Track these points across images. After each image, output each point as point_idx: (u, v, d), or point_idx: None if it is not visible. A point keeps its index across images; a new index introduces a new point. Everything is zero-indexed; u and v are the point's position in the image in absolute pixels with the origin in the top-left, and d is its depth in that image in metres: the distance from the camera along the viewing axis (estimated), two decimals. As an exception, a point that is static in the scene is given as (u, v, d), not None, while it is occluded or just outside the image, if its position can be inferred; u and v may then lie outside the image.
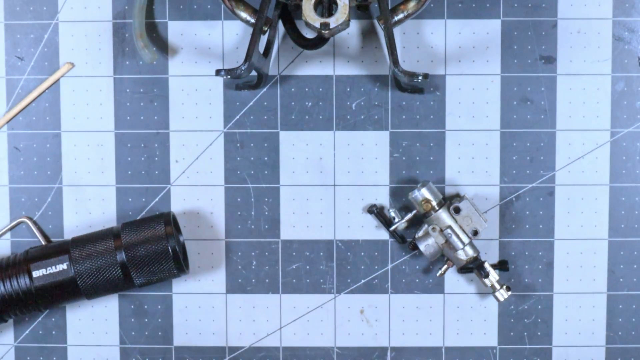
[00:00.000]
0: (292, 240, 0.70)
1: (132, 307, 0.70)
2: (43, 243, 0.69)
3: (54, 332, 0.70)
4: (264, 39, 0.65)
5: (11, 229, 0.70)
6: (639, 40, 0.69)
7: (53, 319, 0.70)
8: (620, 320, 0.70)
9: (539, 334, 0.70)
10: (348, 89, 0.69)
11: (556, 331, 0.70)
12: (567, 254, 0.70)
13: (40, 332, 0.70)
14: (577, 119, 0.69)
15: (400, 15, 0.64)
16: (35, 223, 0.70)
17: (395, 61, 0.62)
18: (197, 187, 0.70)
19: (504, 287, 0.68)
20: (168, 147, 0.70)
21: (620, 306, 0.70)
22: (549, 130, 0.69)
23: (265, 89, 0.69)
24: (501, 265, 0.69)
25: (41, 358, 0.70)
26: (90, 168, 0.70)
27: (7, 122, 0.70)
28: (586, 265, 0.70)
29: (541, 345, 0.70)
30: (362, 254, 0.70)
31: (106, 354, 0.70)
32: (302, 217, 0.70)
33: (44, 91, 0.70)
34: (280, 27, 0.68)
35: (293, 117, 0.70)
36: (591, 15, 0.69)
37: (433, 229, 0.66)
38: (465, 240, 0.66)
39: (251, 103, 0.70)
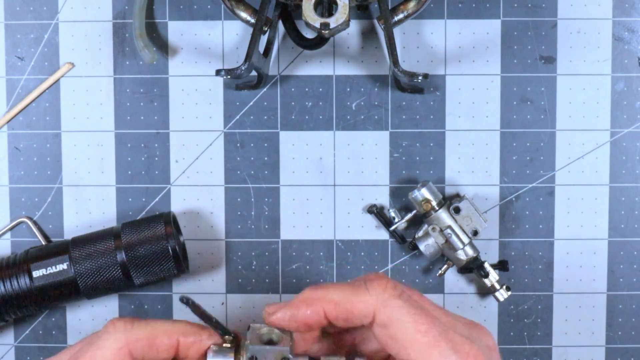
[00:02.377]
0: (292, 240, 0.70)
1: (132, 307, 0.70)
2: (43, 243, 0.69)
3: (54, 332, 0.70)
4: (264, 39, 0.65)
5: (11, 228, 0.70)
6: (639, 40, 0.69)
7: (53, 319, 0.70)
8: (620, 320, 0.70)
9: (539, 334, 0.70)
10: (348, 89, 0.69)
11: (556, 331, 0.70)
12: (567, 254, 0.70)
13: (40, 332, 0.70)
14: (577, 119, 0.69)
15: (400, 15, 0.64)
16: (35, 223, 0.70)
17: (395, 61, 0.62)
18: (197, 187, 0.70)
19: (504, 287, 0.68)
20: (168, 147, 0.70)
21: (620, 306, 0.70)
22: (549, 130, 0.69)
23: (265, 89, 0.69)
24: (501, 265, 0.69)
25: (41, 358, 0.70)
26: (90, 168, 0.70)
27: (7, 122, 0.70)
28: (586, 265, 0.70)
29: (541, 345, 0.70)
30: (362, 254, 0.70)
31: (106, 354, 0.70)
32: (302, 217, 0.70)
33: (44, 91, 0.70)
34: (280, 27, 0.68)
35: (293, 117, 0.70)
36: (591, 15, 0.69)
37: (433, 229, 0.66)
38: (465, 240, 0.66)
39: (251, 103, 0.70)
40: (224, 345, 0.50)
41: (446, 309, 0.51)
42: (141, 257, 0.65)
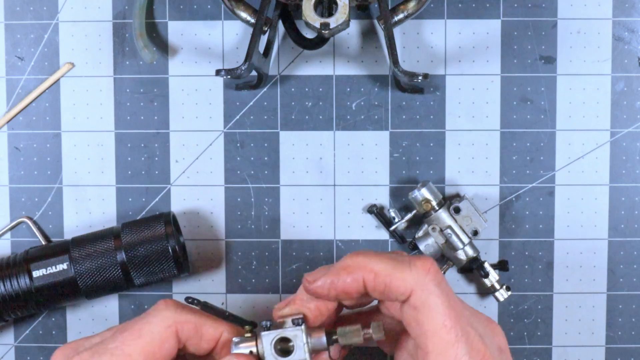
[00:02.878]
0: (292, 240, 0.70)
1: (132, 307, 0.70)
2: (43, 243, 0.69)
3: (54, 332, 0.70)
4: (264, 39, 0.65)
5: (11, 228, 0.70)
6: (639, 40, 0.69)
7: (53, 319, 0.70)
8: (620, 320, 0.70)
9: (539, 334, 0.70)
10: (348, 89, 0.69)
11: (556, 331, 0.70)
12: (567, 254, 0.70)
13: (40, 332, 0.70)
14: (577, 119, 0.69)
15: (400, 15, 0.64)
16: (35, 223, 0.70)
17: (395, 61, 0.62)
18: (197, 187, 0.70)
19: (504, 287, 0.68)
20: (168, 147, 0.70)
21: (620, 306, 0.70)
22: (549, 130, 0.69)
23: (265, 89, 0.69)
24: (501, 265, 0.69)
25: (41, 358, 0.70)
26: (90, 168, 0.70)
27: (7, 122, 0.70)
28: (586, 265, 0.70)
29: (541, 345, 0.70)
30: (362, 254, 0.70)
31: (106, 354, 0.70)
32: (302, 217, 0.70)
33: (44, 91, 0.70)
34: (280, 27, 0.68)
35: (293, 117, 0.70)
36: (591, 15, 0.69)
37: (433, 229, 0.66)
38: (465, 240, 0.66)
39: (251, 103, 0.70)
40: (245, 335, 0.51)
41: (465, 302, 0.51)
42: (141, 257, 0.65)
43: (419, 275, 0.47)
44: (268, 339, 0.51)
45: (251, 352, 0.51)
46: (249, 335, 0.52)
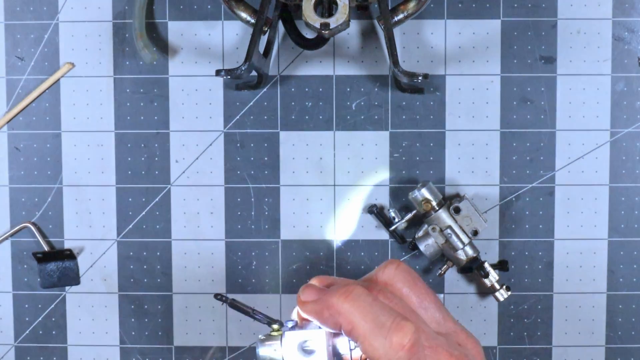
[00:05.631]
0: (292, 240, 0.70)
1: (132, 307, 0.70)
2: (46, 249, 0.69)
3: (54, 332, 0.70)
4: (264, 39, 0.65)
5: (13, 234, 0.70)
6: (639, 40, 0.69)
7: (53, 319, 0.70)
8: (620, 320, 0.70)
9: (538, 334, 0.70)
10: (348, 89, 0.69)
11: (556, 331, 0.70)
12: (567, 254, 0.70)
13: (40, 332, 0.70)
14: (577, 119, 0.69)
15: (400, 16, 0.64)
16: (38, 229, 0.70)
17: (395, 61, 0.62)
18: (197, 187, 0.70)
19: (504, 287, 0.68)
20: (168, 147, 0.70)
21: (620, 306, 0.70)
22: (548, 130, 0.69)
23: (265, 89, 0.69)
24: (501, 265, 0.69)
25: (41, 358, 0.70)
26: (90, 168, 0.70)
27: (7, 122, 0.70)
28: (586, 265, 0.70)
29: (541, 345, 0.70)
30: (362, 254, 0.70)
31: (106, 354, 0.70)
32: (302, 217, 0.70)
33: (44, 91, 0.70)
34: (280, 27, 0.68)
35: (293, 117, 0.70)
36: (591, 15, 0.69)
37: (433, 229, 0.66)
38: (465, 240, 0.66)
39: (251, 103, 0.70)
40: (271, 333, 0.52)
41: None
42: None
43: (390, 350, 0.47)
44: (291, 338, 0.51)
45: (275, 349, 0.51)
46: (275, 333, 0.52)
